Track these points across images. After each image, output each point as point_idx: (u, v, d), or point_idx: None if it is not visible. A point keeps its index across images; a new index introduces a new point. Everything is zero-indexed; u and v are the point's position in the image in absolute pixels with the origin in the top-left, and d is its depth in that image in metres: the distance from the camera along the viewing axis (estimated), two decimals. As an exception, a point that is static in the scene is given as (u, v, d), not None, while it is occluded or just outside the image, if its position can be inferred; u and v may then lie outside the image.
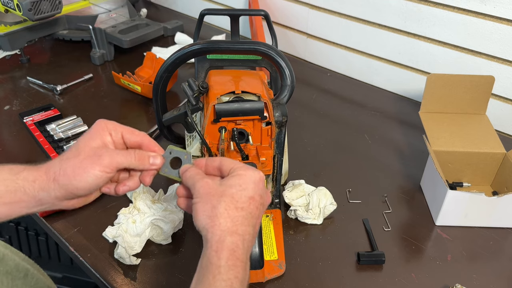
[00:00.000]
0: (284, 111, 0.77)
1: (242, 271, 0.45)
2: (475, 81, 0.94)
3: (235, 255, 0.45)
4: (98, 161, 0.52)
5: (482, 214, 0.80)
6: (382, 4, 1.14)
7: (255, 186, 0.50)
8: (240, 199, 0.49)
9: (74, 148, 0.54)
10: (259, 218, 0.51)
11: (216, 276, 0.44)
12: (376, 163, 0.97)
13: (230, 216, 0.47)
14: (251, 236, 0.48)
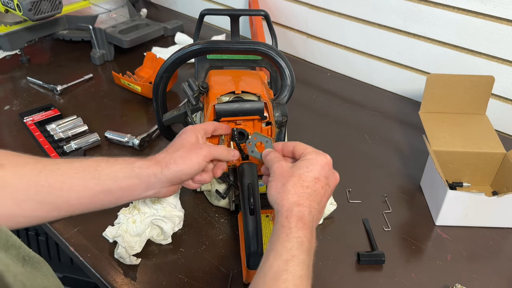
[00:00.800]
0: (284, 111, 0.77)
1: (309, 234, 0.53)
2: (475, 81, 0.94)
3: (302, 220, 0.53)
4: (200, 152, 0.64)
5: (482, 214, 0.80)
6: (382, 4, 1.14)
7: (321, 168, 0.58)
8: (306, 179, 0.56)
9: (177, 144, 0.65)
10: (324, 196, 0.58)
11: (289, 235, 0.52)
12: (376, 163, 0.97)
13: (296, 192, 0.55)
14: (317, 210, 0.56)
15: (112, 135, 1.00)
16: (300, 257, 0.50)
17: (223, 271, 0.73)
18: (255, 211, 0.69)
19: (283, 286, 0.48)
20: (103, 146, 1.00)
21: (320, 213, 0.57)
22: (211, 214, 0.83)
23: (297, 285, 0.48)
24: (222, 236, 0.79)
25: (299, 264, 0.50)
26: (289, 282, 0.48)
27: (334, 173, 0.61)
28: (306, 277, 0.50)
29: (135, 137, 0.98)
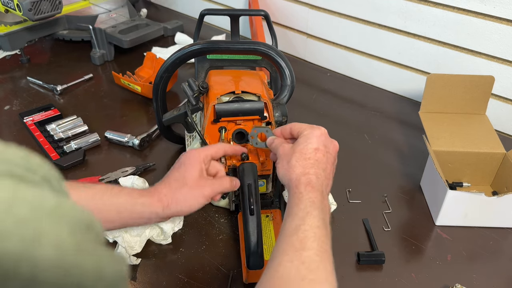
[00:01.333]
0: (284, 111, 0.77)
1: (320, 195, 0.57)
2: (475, 81, 0.94)
3: (311, 185, 0.57)
4: (202, 192, 0.65)
5: (482, 214, 0.80)
6: (382, 4, 1.14)
7: (318, 139, 0.63)
8: (307, 152, 0.61)
9: (180, 179, 0.65)
10: (328, 163, 0.62)
11: (300, 198, 0.56)
12: (376, 163, 0.97)
13: (300, 165, 0.60)
14: (323, 176, 0.60)
15: (112, 135, 1.00)
16: (314, 213, 0.54)
17: (223, 271, 0.73)
18: (255, 211, 0.69)
19: (302, 236, 0.51)
20: (103, 146, 1.00)
21: (327, 178, 0.61)
22: (211, 214, 0.83)
23: (316, 233, 0.52)
24: (222, 236, 0.79)
25: (315, 217, 0.54)
26: (308, 231, 0.52)
27: (332, 141, 0.66)
28: (324, 228, 0.53)
29: (135, 137, 0.98)
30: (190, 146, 0.85)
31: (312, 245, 0.51)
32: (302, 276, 0.48)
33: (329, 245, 0.53)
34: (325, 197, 0.58)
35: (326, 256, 0.51)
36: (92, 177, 0.89)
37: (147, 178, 0.87)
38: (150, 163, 0.93)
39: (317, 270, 0.49)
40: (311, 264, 0.49)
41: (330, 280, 0.49)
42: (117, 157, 0.97)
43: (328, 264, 0.50)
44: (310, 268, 0.49)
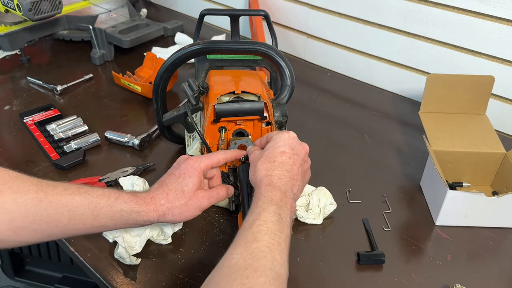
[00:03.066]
0: (284, 111, 0.77)
1: (280, 193, 0.59)
2: (475, 81, 0.94)
3: (271, 185, 0.60)
4: (200, 206, 0.66)
5: (482, 214, 0.80)
6: (382, 4, 1.14)
7: (284, 142, 0.65)
8: (272, 155, 0.64)
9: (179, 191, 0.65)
10: (294, 164, 0.64)
11: (260, 197, 0.59)
12: (376, 163, 0.97)
13: (264, 168, 0.63)
14: (287, 177, 0.62)
15: (112, 135, 1.00)
16: (270, 208, 0.56)
17: (223, 271, 0.73)
18: (255, 211, 0.69)
19: (256, 230, 0.54)
20: (103, 146, 1.00)
21: (294, 179, 0.63)
22: (211, 214, 0.83)
23: (269, 227, 0.54)
24: (222, 236, 0.79)
25: (270, 212, 0.56)
26: (261, 226, 0.54)
27: (301, 144, 0.67)
28: (278, 222, 0.55)
29: (135, 137, 0.98)
30: (190, 146, 0.85)
31: (263, 238, 0.53)
32: (247, 264, 0.50)
33: (283, 239, 0.54)
34: (288, 195, 0.60)
35: (277, 248, 0.52)
36: (92, 177, 0.89)
37: (147, 178, 0.87)
38: (150, 163, 0.93)
39: (263, 259, 0.50)
40: (258, 254, 0.51)
41: (277, 270, 0.50)
42: (117, 157, 0.97)
43: (278, 255, 0.52)
44: (256, 257, 0.50)
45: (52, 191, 0.59)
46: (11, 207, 0.56)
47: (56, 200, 0.59)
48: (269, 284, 0.48)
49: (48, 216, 0.58)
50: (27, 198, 0.57)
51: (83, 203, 0.60)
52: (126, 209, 0.62)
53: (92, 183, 0.87)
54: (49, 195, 0.59)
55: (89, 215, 0.60)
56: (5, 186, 0.56)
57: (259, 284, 0.48)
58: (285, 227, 0.56)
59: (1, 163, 0.94)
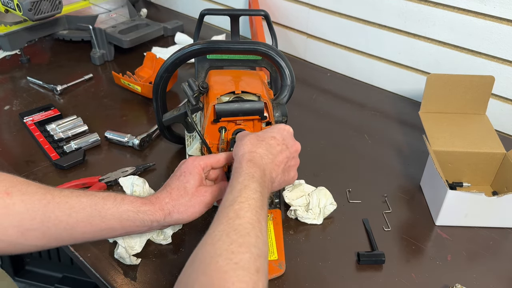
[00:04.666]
0: (284, 111, 0.77)
1: (260, 171, 0.59)
2: (475, 81, 0.94)
3: (253, 161, 0.60)
4: (204, 201, 0.66)
5: (482, 214, 0.80)
6: (382, 4, 1.14)
7: (279, 130, 0.66)
8: (262, 136, 0.64)
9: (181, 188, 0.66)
10: (281, 153, 0.64)
11: (240, 172, 0.58)
12: (376, 163, 0.97)
13: (251, 143, 0.62)
14: (270, 160, 0.62)
15: (112, 135, 1.00)
16: (251, 186, 0.56)
17: (223, 271, 0.73)
18: (255, 211, 0.69)
19: (238, 207, 0.53)
20: (103, 146, 1.00)
21: (276, 165, 0.63)
22: (211, 214, 0.83)
23: (251, 204, 0.54)
24: (222, 236, 0.79)
25: (251, 190, 0.56)
26: (243, 203, 0.54)
27: (295, 141, 0.67)
28: (260, 200, 0.55)
29: (135, 137, 0.98)
30: (190, 146, 0.85)
31: (245, 215, 0.53)
32: (231, 240, 0.50)
33: (263, 217, 0.55)
34: (266, 176, 0.60)
35: (258, 226, 0.53)
36: (92, 177, 0.89)
37: (147, 178, 0.87)
38: (150, 163, 0.93)
39: (247, 235, 0.51)
40: (241, 231, 0.51)
41: (260, 247, 0.50)
42: (117, 157, 0.97)
43: (260, 232, 0.52)
44: (240, 234, 0.51)
45: (59, 194, 0.60)
46: (20, 208, 0.56)
47: (64, 202, 0.59)
48: (254, 260, 0.49)
49: (55, 218, 0.58)
50: (35, 200, 0.57)
51: (90, 204, 0.60)
52: (132, 208, 0.62)
53: (92, 183, 0.87)
54: (56, 197, 0.59)
55: (97, 216, 0.60)
56: (14, 189, 0.57)
57: (246, 260, 0.48)
58: (265, 205, 0.57)
59: (1, 163, 0.94)
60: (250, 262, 0.48)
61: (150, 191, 0.84)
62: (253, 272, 0.48)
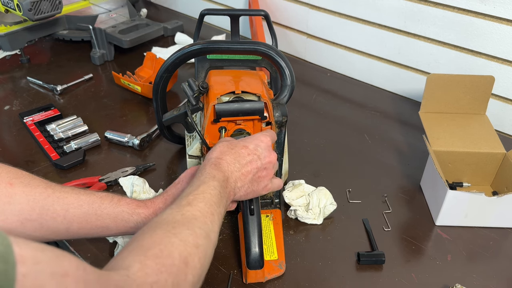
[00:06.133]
0: (284, 111, 0.77)
1: (223, 175, 0.60)
2: (475, 81, 0.94)
3: (217, 166, 0.61)
4: None
5: (482, 214, 0.80)
6: (382, 4, 1.14)
7: (254, 140, 0.65)
8: (234, 144, 0.64)
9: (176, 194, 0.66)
10: (250, 163, 0.63)
11: (203, 173, 0.59)
12: (376, 163, 0.97)
13: (221, 150, 0.63)
14: (236, 169, 0.62)
15: (112, 135, 1.00)
16: (210, 183, 0.57)
17: (223, 271, 0.73)
18: (255, 211, 0.69)
19: (192, 198, 0.54)
20: (103, 146, 1.00)
21: (242, 174, 0.62)
22: (211, 214, 0.83)
23: (205, 197, 0.55)
24: (222, 236, 0.79)
25: (210, 186, 0.56)
26: (198, 195, 0.55)
27: (270, 151, 0.66)
28: (217, 196, 0.56)
29: (135, 137, 0.98)
30: (190, 146, 0.85)
31: (198, 204, 0.53)
32: (175, 220, 0.50)
33: (218, 213, 0.55)
34: (230, 183, 0.61)
35: (210, 217, 0.53)
36: (92, 177, 0.89)
37: (147, 178, 0.87)
38: (150, 163, 0.93)
39: (193, 220, 0.51)
40: (189, 216, 0.51)
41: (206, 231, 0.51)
42: (117, 157, 0.97)
43: (210, 222, 0.53)
44: (186, 218, 0.51)
45: (59, 189, 0.61)
46: (21, 199, 0.58)
47: (63, 197, 0.60)
48: (196, 237, 0.49)
49: (54, 211, 0.59)
50: (36, 192, 0.59)
51: (88, 202, 0.62)
52: (127, 210, 0.63)
53: (92, 183, 0.87)
54: (57, 191, 0.60)
55: (93, 214, 0.61)
56: (17, 180, 0.59)
57: (185, 234, 0.48)
58: (222, 205, 0.57)
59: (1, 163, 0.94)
60: (190, 237, 0.48)
61: (150, 191, 0.84)
62: (190, 245, 0.48)
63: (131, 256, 0.45)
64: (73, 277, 0.35)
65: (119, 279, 0.40)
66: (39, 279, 0.33)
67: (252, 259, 0.68)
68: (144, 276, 0.42)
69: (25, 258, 0.33)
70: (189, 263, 0.47)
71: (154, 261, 0.44)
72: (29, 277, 0.32)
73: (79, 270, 0.37)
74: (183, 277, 0.45)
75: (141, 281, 0.42)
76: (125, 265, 0.43)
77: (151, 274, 0.43)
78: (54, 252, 0.36)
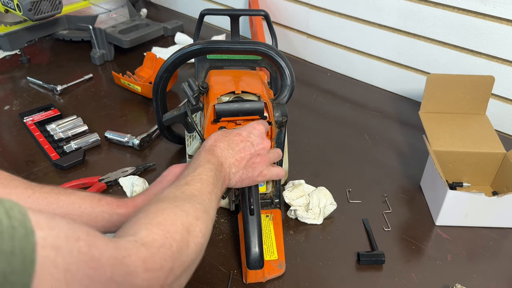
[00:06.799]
0: (284, 111, 0.77)
1: (217, 160, 0.62)
2: (475, 81, 0.94)
3: (211, 151, 0.63)
4: None
5: (482, 214, 0.80)
6: (382, 4, 1.14)
7: (247, 128, 0.67)
8: (229, 131, 0.66)
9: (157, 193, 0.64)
10: (244, 149, 0.65)
11: (198, 158, 0.61)
12: (376, 163, 0.97)
13: (215, 139, 0.65)
14: (230, 154, 0.64)
15: (112, 135, 1.00)
16: (206, 166, 0.59)
17: (223, 271, 0.73)
18: (255, 211, 0.69)
19: (189, 179, 0.56)
20: (103, 146, 1.00)
21: (236, 160, 0.64)
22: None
23: (202, 178, 0.57)
24: (222, 236, 0.79)
25: (205, 169, 0.59)
26: (195, 176, 0.57)
27: (263, 138, 0.67)
28: (213, 177, 0.58)
29: (135, 137, 0.98)
30: (190, 146, 0.85)
31: (195, 184, 0.56)
32: (175, 196, 0.53)
33: (215, 193, 0.57)
34: (224, 167, 0.62)
35: (207, 196, 0.55)
36: (92, 177, 0.89)
37: (147, 178, 0.87)
38: (150, 163, 0.93)
39: (192, 197, 0.53)
40: (188, 193, 0.54)
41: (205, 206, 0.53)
42: (117, 157, 0.97)
43: (207, 199, 0.55)
44: (186, 194, 0.54)
45: (39, 190, 0.61)
46: None
47: (43, 198, 0.60)
48: (196, 210, 0.51)
49: None
50: (16, 193, 0.58)
51: (68, 202, 0.61)
52: (107, 210, 0.63)
53: (92, 183, 0.87)
54: (37, 192, 0.60)
55: (74, 214, 0.61)
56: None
57: (186, 207, 0.51)
58: (218, 187, 0.59)
59: (1, 163, 0.94)
60: (190, 209, 0.51)
61: (150, 191, 0.84)
62: (191, 217, 0.50)
63: (137, 225, 0.47)
64: (85, 241, 0.38)
65: (127, 243, 0.43)
66: (56, 242, 0.36)
67: (252, 259, 0.68)
68: (152, 240, 0.45)
69: (41, 224, 0.35)
70: (191, 232, 0.49)
71: (159, 228, 0.47)
72: (48, 240, 0.35)
73: (89, 235, 0.39)
74: (185, 244, 0.48)
75: (149, 245, 0.44)
76: (132, 232, 0.46)
77: (158, 239, 0.45)
78: (65, 219, 0.39)
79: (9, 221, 0.33)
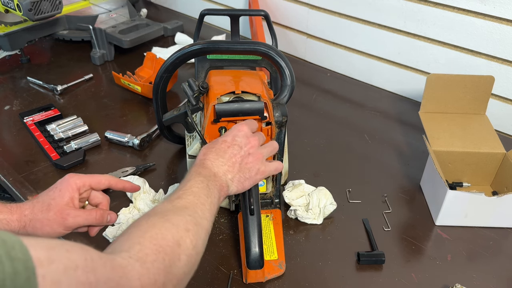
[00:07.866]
0: (284, 111, 0.77)
1: (208, 171, 0.63)
2: (475, 81, 0.94)
3: (201, 164, 0.64)
4: (63, 223, 0.62)
5: (482, 214, 0.80)
6: (382, 4, 1.14)
7: (231, 132, 0.68)
8: (215, 143, 0.67)
9: (46, 202, 0.62)
10: (233, 154, 0.65)
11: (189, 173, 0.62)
12: (376, 163, 0.97)
13: (203, 153, 0.66)
14: (221, 162, 0.64)
15: (112, 135, 1.00)
16: (197, 178, 0.60)
17: (223, 271, 0.73)
18: (255, 211, 0.69)
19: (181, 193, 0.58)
20: (103, 146, 1.00)
21: (229, 166, 0.65)
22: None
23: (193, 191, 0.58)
24: (222, 236, 0.79)
25: (196, 181, 0.60)
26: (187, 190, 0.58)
27: (248, 138, 0.67)
28: (204, 189, 0.59)
29: (135, 137, 0.98)
30: (190, 146, 0.85)
31: (187, 197, 0.57)
32: (166, 210, 0.54)
33: (209, 203, 0.58)
34: (218, 176, 0.63)
35: (200, 207, 0.56)
36: (92, 177, 0.89)
37: (147, 178, 0.87)
38: (150, 163, 0.93)
39: (184, 209, 0.55)
40: (180, 207, 0.55)
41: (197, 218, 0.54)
42: (117, 157, 0.97)
43: (200, 210, 0.56)
44: (177, 208, 0.55)
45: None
46: None
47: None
48: (186, 222, 0.53)
49: None
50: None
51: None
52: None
53: (92, 183, 0.87)
54: None
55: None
56: None
57: (176, 219, 0.52)
58: (212, 196, 0.60)
59: (1, 163, 0.94)
60: (180, 222, 0.52)
61: (150, 191, 0.84)
62: (181, 229, 0.51)
63: (130, 240, 0.48)
64: (82, 268, 0.39)
65: (122, 261, 0.44)
66: (55, 277, 0.37)
67: (252, 259, 0.68)
68: (145, 256, 0.46)
69: (41, 260, 0.36)
70: (181, 244, 0.50)
71: (151, 242, 0.48)
72: (47, 277, 0.36)
73: (87, 261, 0.40)
74: (176, 256, 0.49)
75: (143, 260, 0.46)
76: (125, 248, 0.47)
77: (151, 254, 0.47)
78: (64, 247, 0.39)
79: (11, 264, 0.34)
